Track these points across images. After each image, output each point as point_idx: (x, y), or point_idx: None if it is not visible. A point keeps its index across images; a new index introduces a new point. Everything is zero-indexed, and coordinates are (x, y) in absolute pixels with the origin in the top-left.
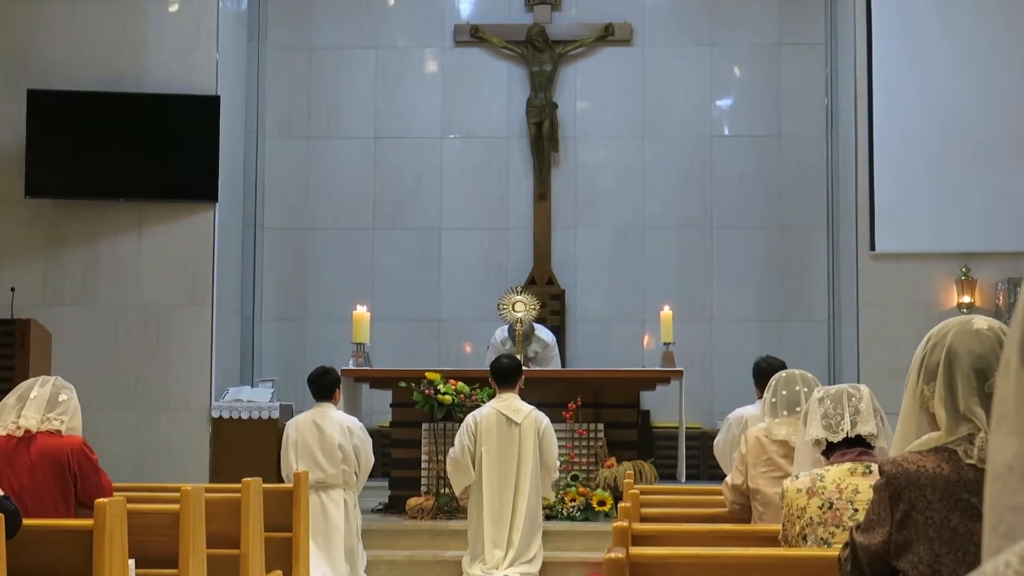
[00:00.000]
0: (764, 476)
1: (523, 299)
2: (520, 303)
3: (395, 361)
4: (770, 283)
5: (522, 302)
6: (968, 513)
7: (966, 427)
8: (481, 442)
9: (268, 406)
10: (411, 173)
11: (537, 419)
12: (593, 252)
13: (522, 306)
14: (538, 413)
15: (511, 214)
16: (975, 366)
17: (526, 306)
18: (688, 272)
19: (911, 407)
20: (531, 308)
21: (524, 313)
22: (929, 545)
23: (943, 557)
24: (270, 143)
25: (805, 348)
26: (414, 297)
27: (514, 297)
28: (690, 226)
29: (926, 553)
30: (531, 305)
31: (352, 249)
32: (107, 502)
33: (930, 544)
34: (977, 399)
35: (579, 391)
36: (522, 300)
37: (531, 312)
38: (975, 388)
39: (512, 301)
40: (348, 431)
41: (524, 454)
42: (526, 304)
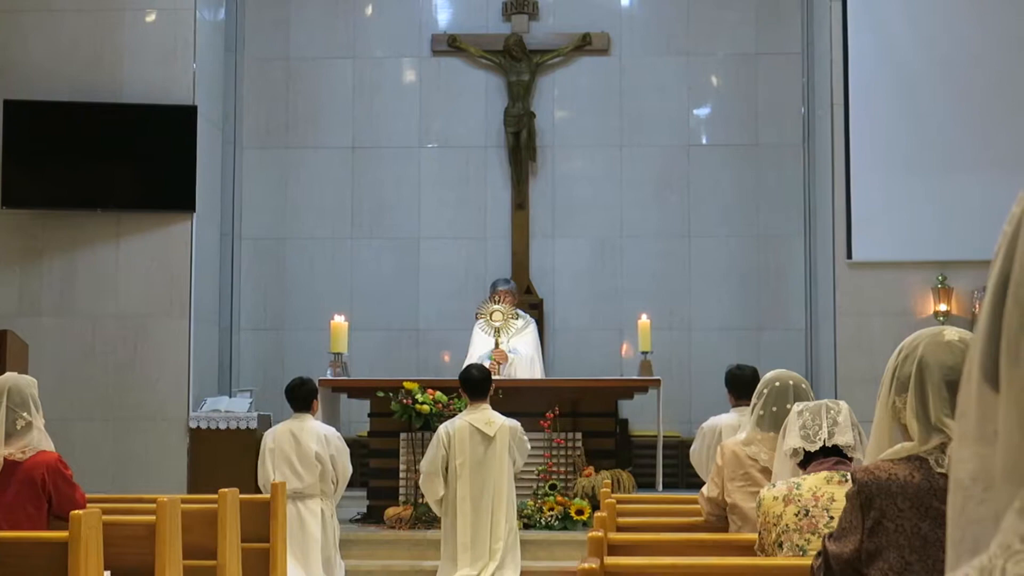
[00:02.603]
0: (741, 491)
1: (502, 308)
2: (498, 312)
3: (373, 371)
4: (748, 292)
5: (500, 311)
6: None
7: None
8: (455, 455)
9: (246, 416)
10: (389, 183)
11: (512, 430)
12: (571, 261)
13: (500, 316)
14: (511, 423)
15: (489, 223)
16: (946, 378)
17: (504, 316)
18: (666, 281)
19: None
20: (509, 317)
21: (502, 323)
22: (899, 553)
23: (913, 565)
24: (248, 153)
25: (782, 356)
26: (392, 307)
27: (491, 306)
28: (668, 235)
29: (896, 561)
30: (509, 314)
31: (330, 259)
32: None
33: (900, 552)
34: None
35: (557, 400)
36: (500, 309)
37: (509, 322)
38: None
39: (490, 310)
40: (325, 440)
41: (499, 466)
42: (504, 313)
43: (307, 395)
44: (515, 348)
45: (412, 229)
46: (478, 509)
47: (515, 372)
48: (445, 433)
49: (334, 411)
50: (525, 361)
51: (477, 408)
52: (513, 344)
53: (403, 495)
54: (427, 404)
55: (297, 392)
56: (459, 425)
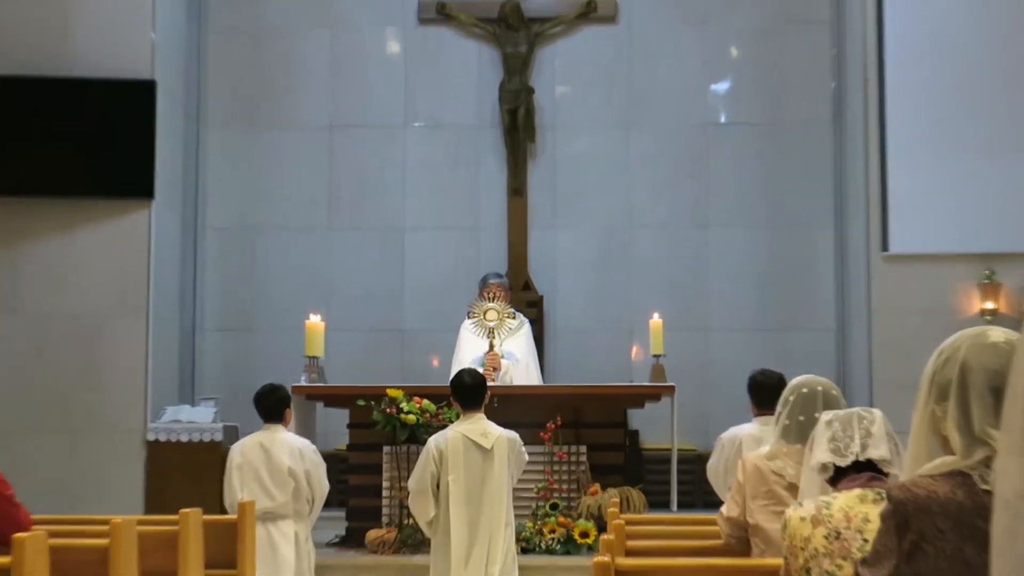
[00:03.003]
0: (764, 510)
1: (496, 307)
2: (493, 311)
3: (353, 377)
4: (771, 288)
5: (495, 310)
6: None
7: (982, 451)
8: (447, 470)
9: (210, 428)
10: (371, 167)
11: (510, 442)
12: (574, 254)
13: (494, 315)
14: (510, 434)
15: (482, 212)
16: (991, 383)
17: (499, 315)
18: (680, 276)
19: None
20: (505, 316)
21: (496, 323)
22: None
23: None
24: (213, 134)
25: (810, 360)
26: (374, 305)
27: (486, 305)
28: (682, 225)
29: None
30: (505, 313)
31: (305, 252)
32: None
33: None
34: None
35: (559, 409)
36: (495, 308)
37: (505, 322)
38: (991, 408)
39: (483, 309)
40: (299, 454)
41: (497, 483)
42: (499, 312)
43: (279, 403)
44: (510, 352)
45: (397, 218)
46: (474, 531)
47: (510, 381)
48: (436, 446)
49: (309, 422)
50: (521, 367)
51: (470, 418)
52: (507, 348)
53: (386, 516)
54: (413, 414)
55: (268, 399)
56: (451, 437)
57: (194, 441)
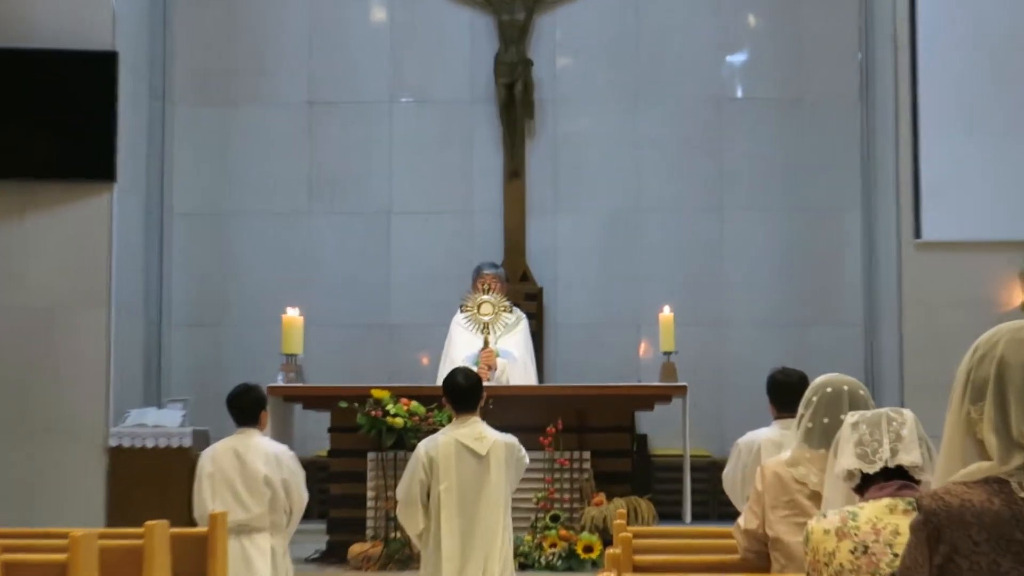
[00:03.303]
0: (785, 521)
1: (491, 300)
2: (487, 304)
3: (334, 376)
4: (793, 279)
5: (490, 303)
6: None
7: (1021, 456)
8: (439, 479)
9: (178, 432)
10: (354, 146)
11: (508, 447)
12: (576, 241)
13: (489, 308)
14: (507, 439)
15: (476, 196)
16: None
17: (494, 308)
18: (693, 265)
19: (955, 432)
20: (501, 310)
21: (491, 317)
22: None
23: None
24: (181, 110)
25: (836, 358)
26: (358, 297)
27: (480, 297)
28: (695, 209)
29: None
30: (500, 307)
31: (282, 239)
32: None
33: None
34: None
35: (560, 412)
36: (490, 301)
37: (500, 318)
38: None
39: (478, 302)
40: (276, 461)
41: (494, 492)
42: (495, 306)
43: (254, 405)
44: (507, 350)
45: (382, 202)
46: (468, 545)
47: (507, 381)
48: (426, 453)
49: (286, 425)
50: (519, 367)
51: (464, 422)
52: (503, 345)
53: (371, 528)
54: (401, 417)
55: (242, 401)
56: (443, 443)
57: (160, 447)
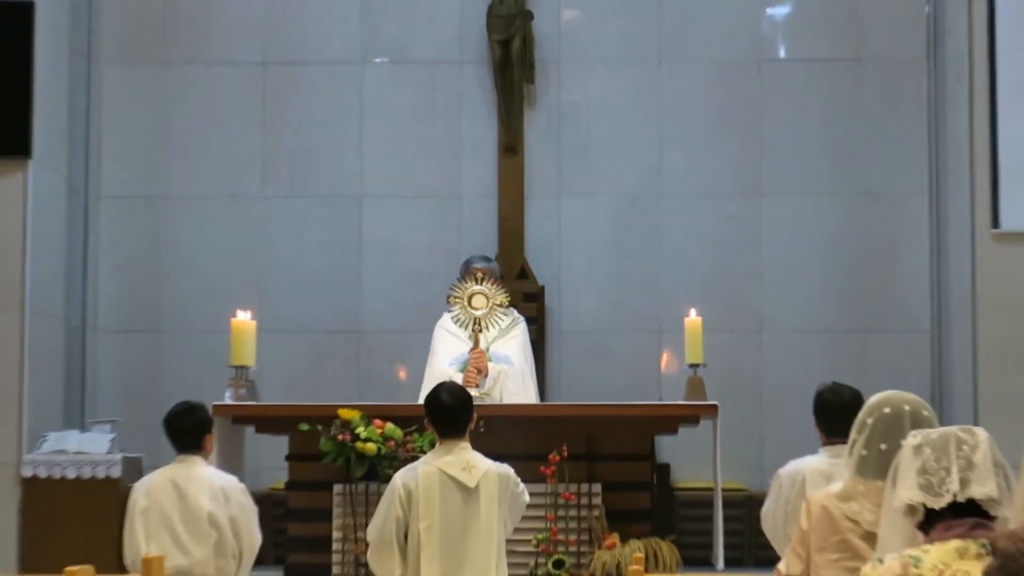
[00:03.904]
0: (835, 566)
1: (484, 291)
2: (480, 296)
3: (294, 393)
4: (846, 276)
5: (483, 295)
6: None
7: None
8: (419, 516)
9: (106, 460)
10: (318, 116)
11: (502, 479)
12: (585, 231)
13: (483, 300)
14: (501, 469)
15: (465, 176)
16: None
17: (488, 300)
18: (725, 261)
19: None
20: (495, 304)
21: (484, 311)
22: None
23: None
24: (109, 72)
25: (898, 370)
26: (322, 298)
27: (471, 288)
28: (729, 194)
29: None
30: (496, 299)
31: (230, 228)
32: None
33: None
34: None
35: (565, 435)
36: (483, 292)
37: (495, 311)
38: None
39: (468, 294)
40: (223, 495)
41: (483, 532)
42: (488, 297)
43: (196, 429)
44: (503, 355)
45: (352, 184)
46: None
47: (501, 393)
48: (403, 485)
49: (236, 452)
50: (516, 376)
51: (450, 448)
52: (496, 350)
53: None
54: (374, 442)
55: (182, 424)
56: (424, 473)
57: (84, 477)
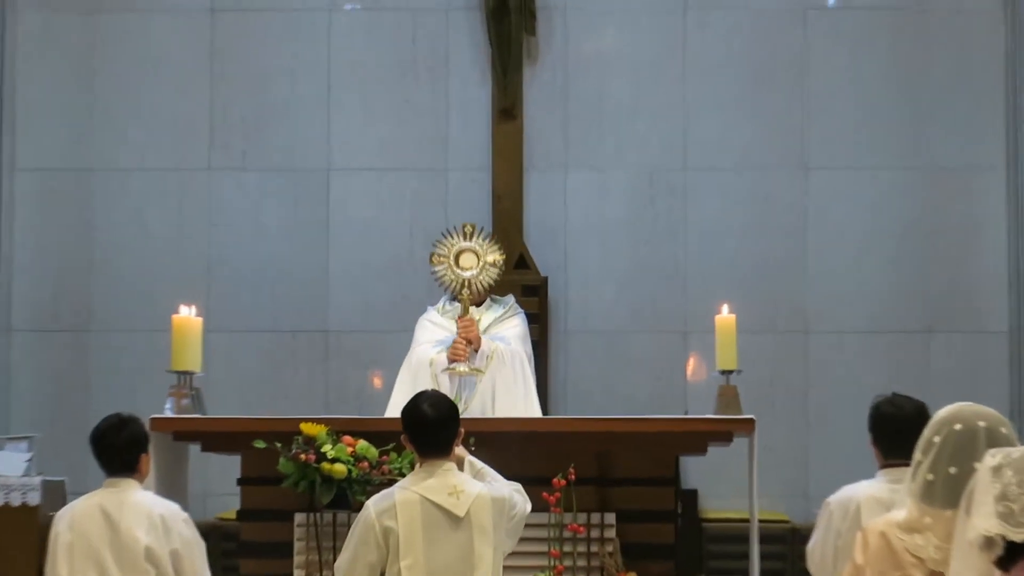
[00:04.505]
0: None
1: (474, 247)
2: (469, 254)
3: (247, 403)
4: (907, 267)
5: (472, 252)
6: None
7: None
8: (398, 553)
9: (21, 484)
10: (276, 72)
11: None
12: (596, 211)
13: (472, 259)
14: (496, 491)
15: (452, 146)
16: None
17: (479, 258)
18: (764, 248)
19: None
20: (487, 263)
21: (475, 272)
22: None
23: None
24: (28, 19)
25: (971, 378)
26: (282, 291)
27: (458, 244)
28: (768, 167)
29: None
30: (488, 256)
31: (172, 207)
32: None
33: None
34: None
35: (573, 455)
36: (472, 249)
37: (488, 271)
38: None
39: (455, 251)
40: (162, 526)
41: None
42: (479, 255)
43: (130, 447)
44: (500, 336)
45: (317, 155)
46: None
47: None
48: (378, 515)
49: (177, 475)
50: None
51: (433, 470)
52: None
53: None
54: (343, 463)
55: (112, 442)
56: (403, 501)
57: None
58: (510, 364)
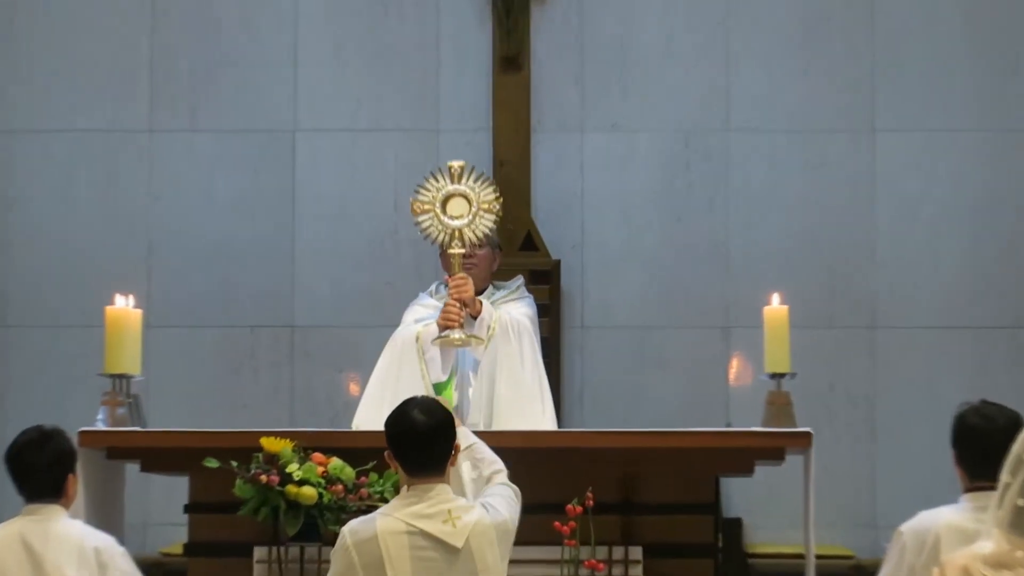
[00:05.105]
0: None
1: (464, 190)
2: (458, 199)
3: (196, 414)
4: (996, 250)
5: (463, 196)
6: None
7: None
8: None
9: None
10: (232, 14)
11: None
12: (621, 182)
13: (463, 205)
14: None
15: (444, 101)
16: None
17: (471, 203)
18: (822, 224)
19: None
20: (482, 208)
21: (466, 219)
22: None
23: None
24: None
25: None
26: (238, 278)
27: (445, 187)
28: (827, 129)
29: None
30: (482, 204)
31: (106, 176)
32: None
33: None
34: None
35: (591, 476)
36: (462, 193)
37: (482, 218)
38: None
39: (442, 196)
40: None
41: None
42: (471, 199)
43: (54, 466)
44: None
45: (281, 113)
46: None
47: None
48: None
49: (112, 501)
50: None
51: (423, 493)
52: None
53: None
54: (313, 485)
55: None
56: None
57: None
58: (516, 340)
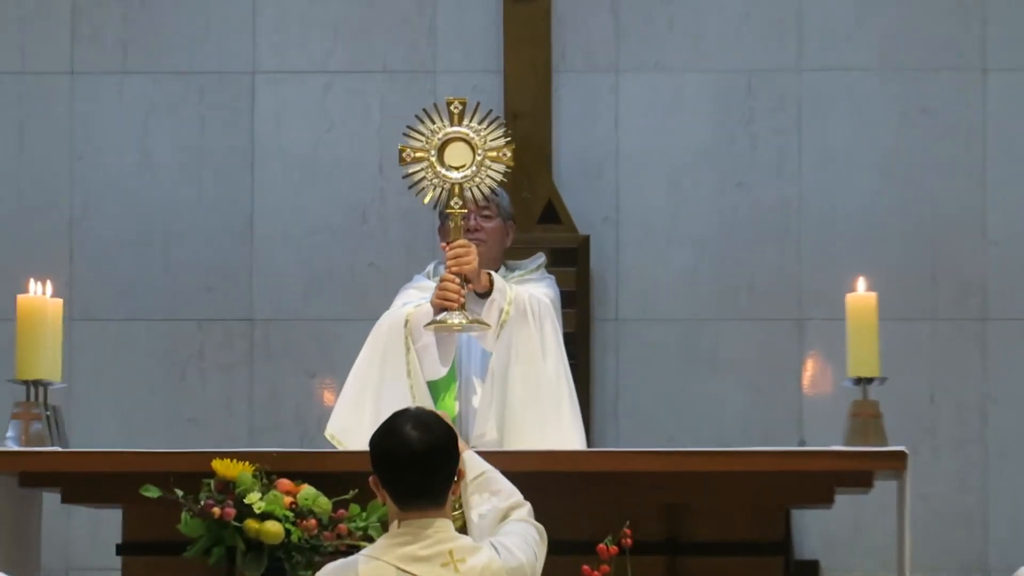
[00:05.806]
0: None
1: (466, 133)
2: (460, 143)
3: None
4: None
5: (464, 141)
6: None
7: None
8: None
9: None
10: None
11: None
12: (665, 137)
13: (465, 153)
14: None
15: (442, 37)
16: None
17: (475, 150)
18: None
19: None
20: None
21: (467, 173)
22: None
23: None
24: None
25: None
26: (187, 259)
27: (444, 129)
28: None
29: None
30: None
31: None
32: None
33: None
34: None
35: (630, 507)
36: (464, 137)
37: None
38: None
39: (438, 139)
40: None
41: None
42: (474, 145)
43: None
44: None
45: (238, 52)
46: None
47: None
48: None
49: (25, 538)
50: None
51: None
52: None
53: None
54: (279, 520)
55: None
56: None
57: None
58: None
